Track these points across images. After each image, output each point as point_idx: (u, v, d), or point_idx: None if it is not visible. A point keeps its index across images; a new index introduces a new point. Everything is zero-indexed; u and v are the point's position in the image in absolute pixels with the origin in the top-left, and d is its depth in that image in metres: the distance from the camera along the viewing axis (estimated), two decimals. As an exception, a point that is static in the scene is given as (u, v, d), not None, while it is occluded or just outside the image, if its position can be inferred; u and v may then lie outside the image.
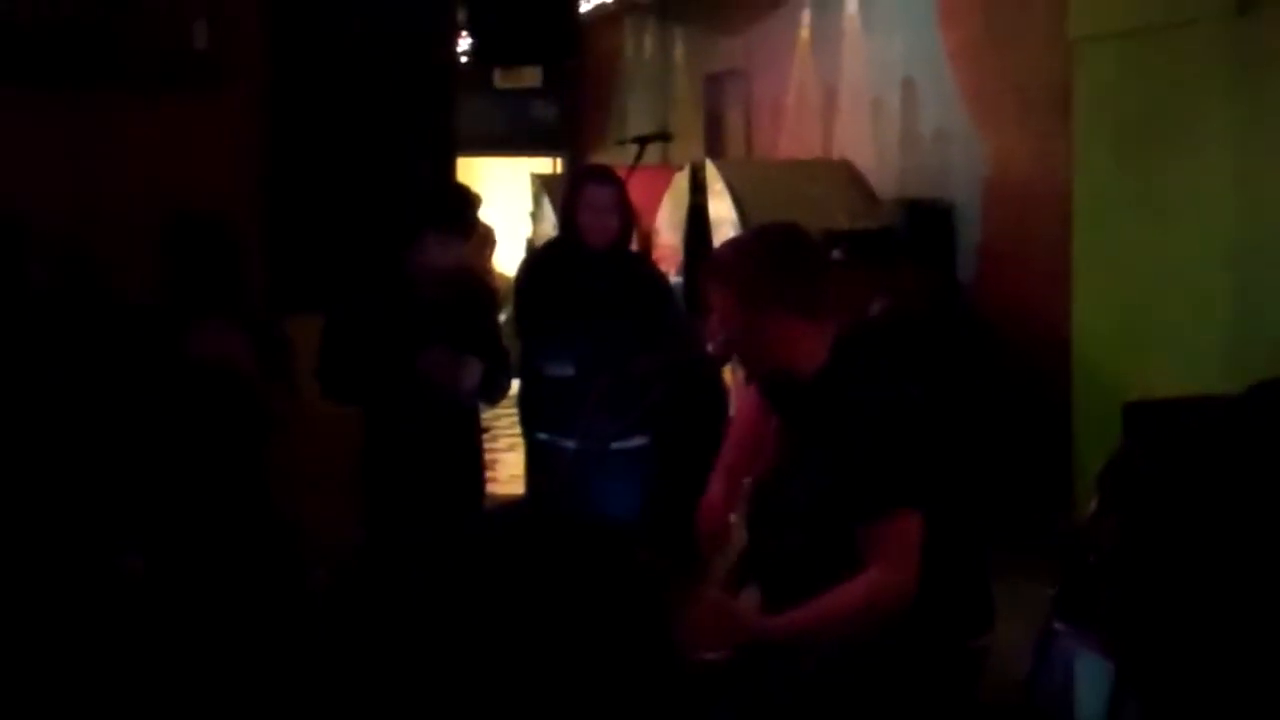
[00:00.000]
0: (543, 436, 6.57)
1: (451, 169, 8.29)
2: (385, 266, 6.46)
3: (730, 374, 8.99)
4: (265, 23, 7.75)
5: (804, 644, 4.00)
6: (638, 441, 6.52)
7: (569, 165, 19.03)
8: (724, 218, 11.82)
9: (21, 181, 6.88)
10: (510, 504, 6.53)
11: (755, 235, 4.49)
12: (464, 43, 9.28)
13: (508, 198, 19.69)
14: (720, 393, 8.44)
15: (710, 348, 4.34)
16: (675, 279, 12.63)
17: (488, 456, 7.43)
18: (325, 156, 7.78)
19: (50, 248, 6.38)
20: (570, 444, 6.40)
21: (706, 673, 4.00)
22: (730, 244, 4.75)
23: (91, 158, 7.23)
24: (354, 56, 7.88)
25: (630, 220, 6.67)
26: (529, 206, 17.38)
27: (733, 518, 4.67)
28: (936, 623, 4.08)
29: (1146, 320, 8.81)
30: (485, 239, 19.29)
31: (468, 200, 6.57)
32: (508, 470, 8.32)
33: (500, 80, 16.50)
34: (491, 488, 7.88)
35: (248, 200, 7.52)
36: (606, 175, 6.72)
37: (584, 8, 15.86)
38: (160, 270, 6.32)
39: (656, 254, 12.97)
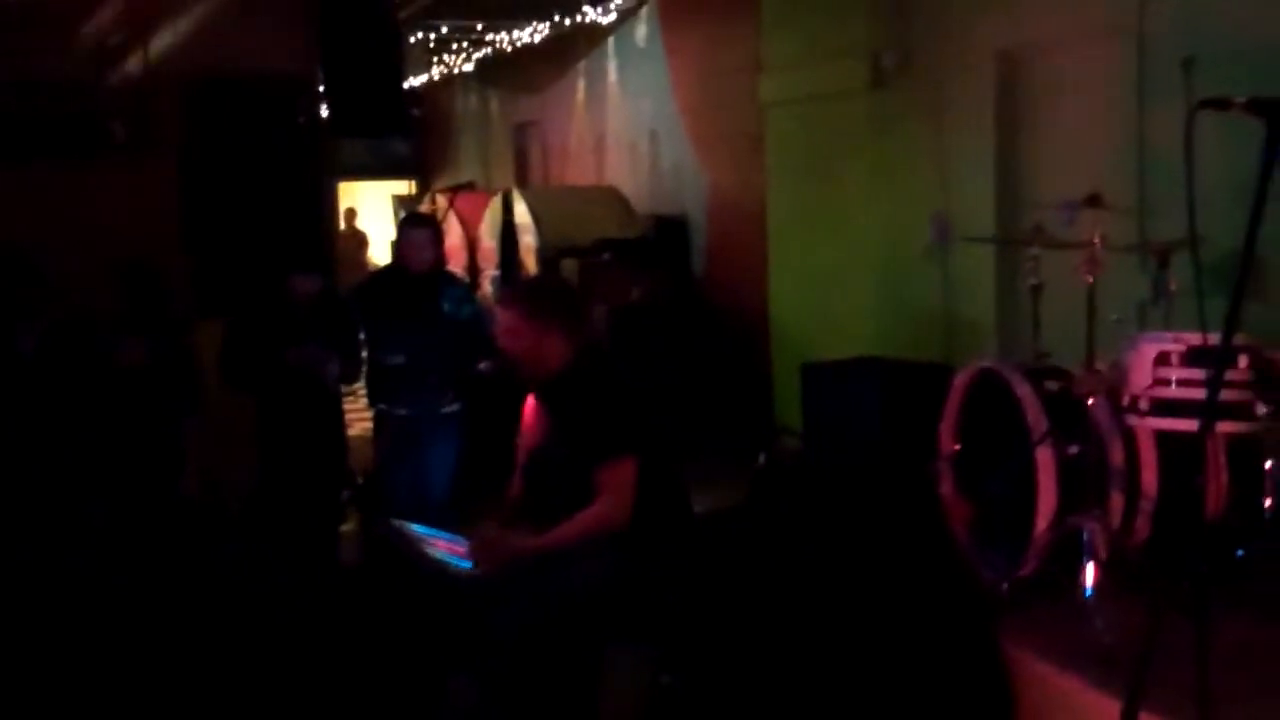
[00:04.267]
0: (383, 407, 6.49)
1: (319, 217, 8.13)
2: (269, 288, 6.37)
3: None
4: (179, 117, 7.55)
5: (554, 556, 4.04)
6: (451, 408, 6.46)
7: (419, 188, 18.85)
8: (526, 228, 11.76)
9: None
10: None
11: (537, 279, 4.60)
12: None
13: (375, 210, 19.50)
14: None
15: (482, 367, 4.41)
16: (494, 272, 12.60)
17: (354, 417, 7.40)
18: (226, 210, 7.65)
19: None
20: (402, 411, 6.37)
21: (483, 584, 4.03)
22: (520, 283, 4.84)
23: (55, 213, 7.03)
24: (246, 134, 7.73)
25: (441, 250, 6.60)
26: (392, 218, 17.26)
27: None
28: (657, 547, 4.14)
29: (818, 301, 8.94)
30: (361, 242, 19.07)
31: (326, 248, 6.58)
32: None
33: (368, 128, 16.29)
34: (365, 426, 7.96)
35: (170, 238, 7.40)
36: (424, 220, 6.66)
37: (424, 77, 15.70)
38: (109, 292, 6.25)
39: (480, 255, 12.88)
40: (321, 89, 8.15)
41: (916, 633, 1.34)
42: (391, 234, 17.52)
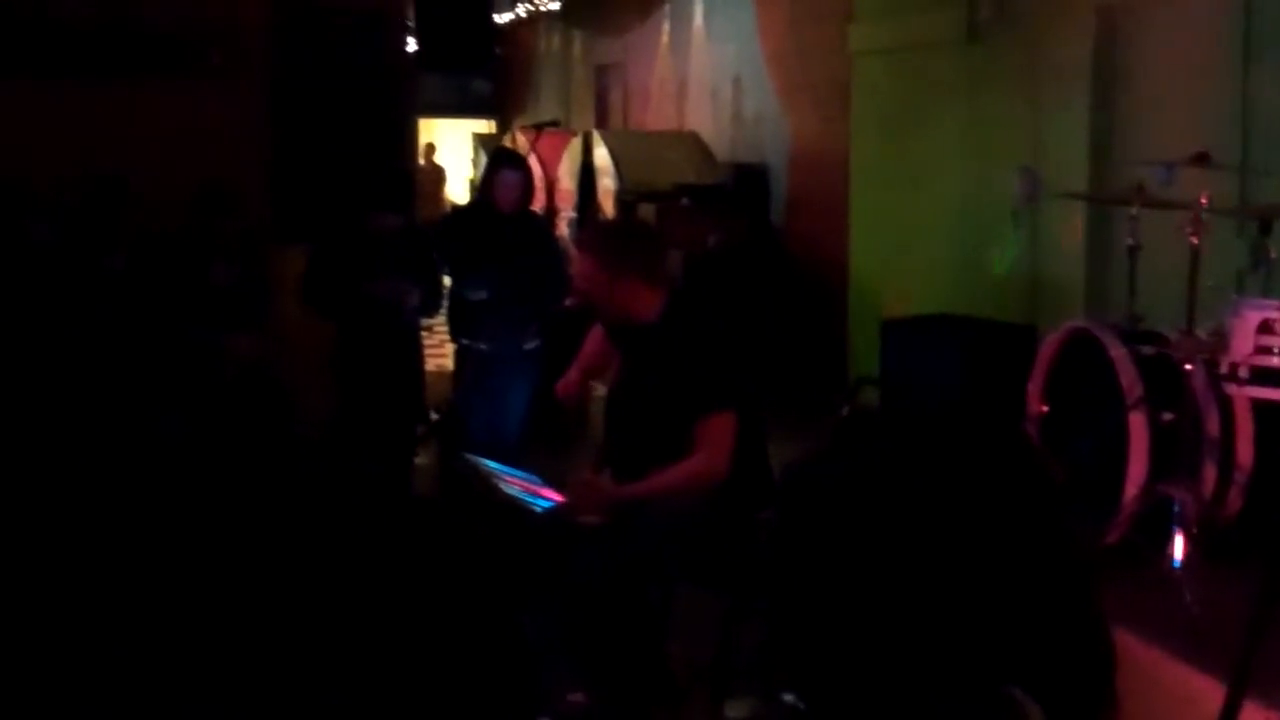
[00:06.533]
0: (464, 341, 6.45)
1: (401, 151, 8.08)
2: (351, 218, 6.35)
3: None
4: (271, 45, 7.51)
5: (648, 506, 3.98)
6: (531, 345, 6.42)
7: (499, 127, 18.76)
8: (605, 170, 11.67)
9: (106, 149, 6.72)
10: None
11: (615, 223, 4.49)
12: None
13: (455, 148, 19.49)
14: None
15: (568, 302, 4.34)
16: (571, 214, 12.51)
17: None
18: (311, 139, 7.61)
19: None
20: (483, 346, 6.34)
21: (586, 531, 3.98)
22: (597, 227, 4.75)
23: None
24: (334, 64, 7.67)
25: (531, 191, 6.53)
26: (470, 155, 17.23)
27: (599, 387, 4.68)
28: (736, 498, 4.07)
29: (900, 256, 8.78)
30: (440, 177, 19.07)
31: (408, 185, 6.59)
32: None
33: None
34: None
35: (258, 163, 7.40)
36: (518, 162, 6.55)
37: (509, 16, 15.57)
38: (193, 215, 6.24)
39: (558, 196, 12.79)
40: (410, 23, 8.09)
41: (1015, 587, 1.26)
42: (469, 171, 17.56)
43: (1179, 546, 4.12)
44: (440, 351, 8.88)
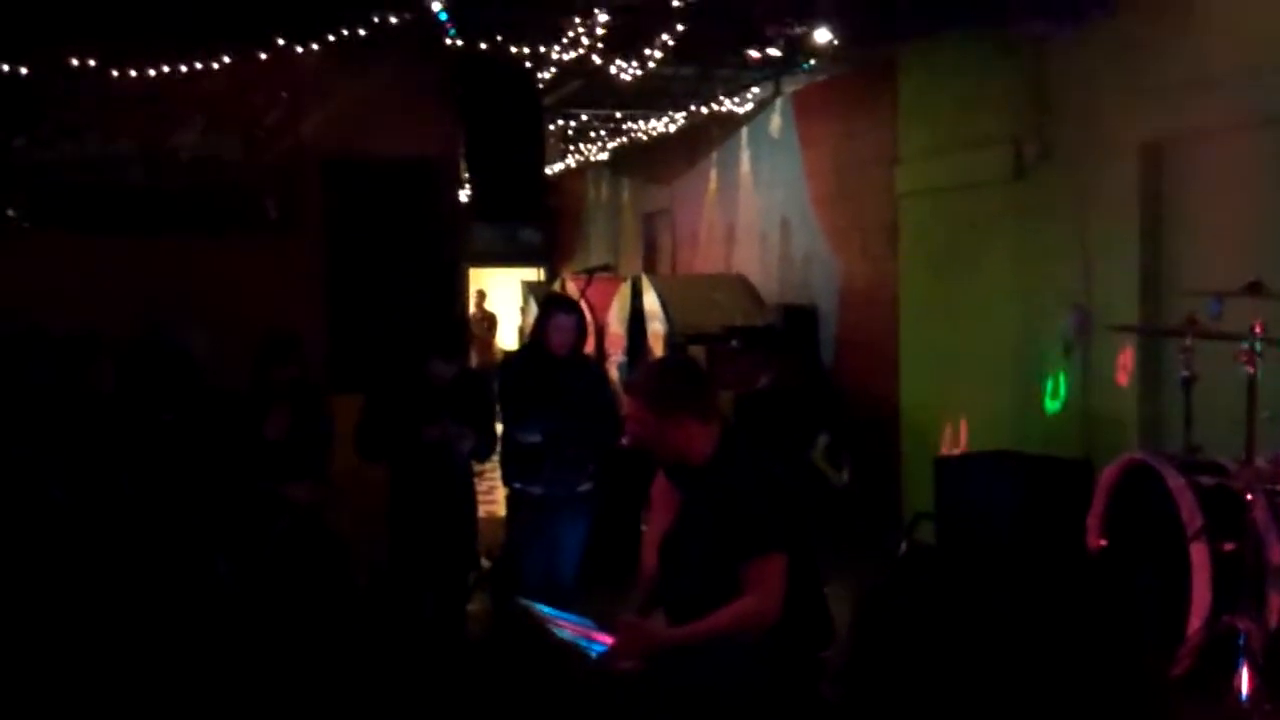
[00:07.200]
0: (517, 486, 6.48)
1: (455, 300, 8.23)
2: (406, 366, 6.44)
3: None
4: (324, 197, 7.70)
5: (697, 650, 3.94)
6: (585, 487, 6.44)
7: (548, 275, 19.03)
8: (655, 314, 11.78)
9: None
10: None
11: (662, 364, 4.49)
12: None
13: (505, 295, 19.78)
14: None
15: (624, 441, 4.34)
16: (620, 358, 12.61)
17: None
18: (365, 289, 7.76)
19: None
20: (537, 490, 6.36)
21: (625, 678, 3.94)
22: (645, 369, 4.74)
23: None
24: (387, 215, 7.86)
25: (584, 334, 6.61)
26: (519, 303, 17.48)
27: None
28: (795, 638, 4.04)
29: (950, 393, 8.79)
30: (492, 323, 19.32)
31: (462, 333, 6.67)
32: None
33: (501, 215, 16.48)
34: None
35: (314, 314, 7.53)
36: (571, 306, 6.61)
37: (559, 165, 15.88)
38: (253, 366, 6.34)
39: (608, 341, 12.91)
40: (463, 174, 8.29)
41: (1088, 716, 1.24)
42: (519, 318, 17.78)
43: (1245, 679, 4.06)
44: (490, 498, 8.92)
